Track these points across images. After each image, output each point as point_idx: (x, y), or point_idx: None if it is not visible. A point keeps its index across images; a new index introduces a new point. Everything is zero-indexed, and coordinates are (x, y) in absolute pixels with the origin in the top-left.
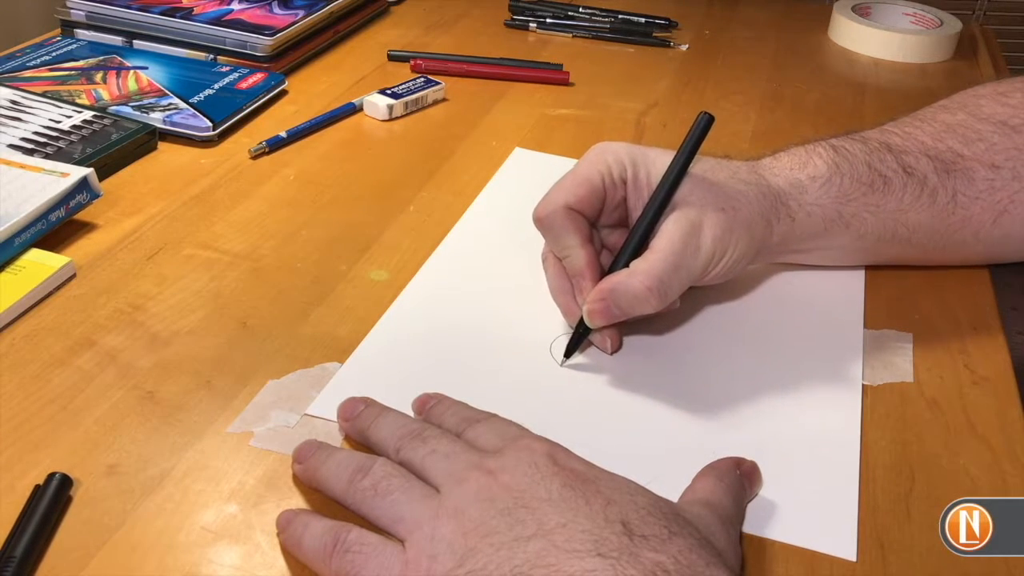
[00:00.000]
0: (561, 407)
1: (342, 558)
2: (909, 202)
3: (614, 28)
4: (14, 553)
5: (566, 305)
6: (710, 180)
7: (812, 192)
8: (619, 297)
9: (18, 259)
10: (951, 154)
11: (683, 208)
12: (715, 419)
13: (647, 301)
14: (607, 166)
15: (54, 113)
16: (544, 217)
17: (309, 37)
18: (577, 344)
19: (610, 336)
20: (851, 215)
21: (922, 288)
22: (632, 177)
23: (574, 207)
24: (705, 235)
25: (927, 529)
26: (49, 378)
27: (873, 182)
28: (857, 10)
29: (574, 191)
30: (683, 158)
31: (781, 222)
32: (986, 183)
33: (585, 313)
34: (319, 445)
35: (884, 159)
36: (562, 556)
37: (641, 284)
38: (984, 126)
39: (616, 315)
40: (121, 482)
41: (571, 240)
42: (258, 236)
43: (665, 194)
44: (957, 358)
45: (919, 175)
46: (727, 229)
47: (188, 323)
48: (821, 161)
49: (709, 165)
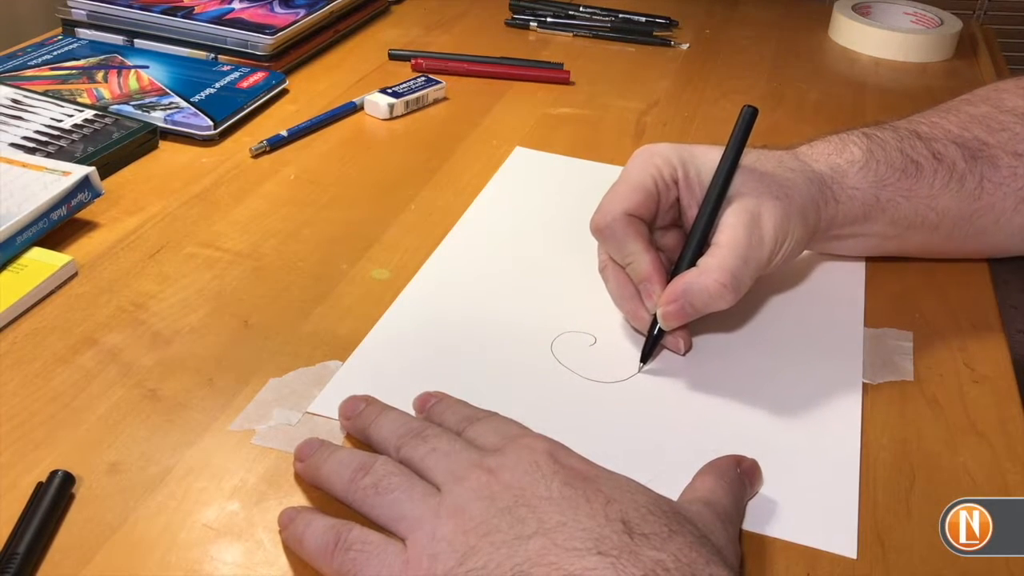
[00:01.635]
0: (562, 406)
1: (343, 556)
2: (939, 187)
3: (615, 27)
4: (17, 551)
5: (633, 311)
6: (760, 171)
7: (851, 176)
8: (693, 296)
9: (20, 258)
10: (977, 142)
11: (740, 200)
12: (715, 417)
13: (722, 297)
14: (657, 169)
15: (55, 112)
16: (605, 227)
17: (310, 36)
18: (653, 347)
19: (683, 336)
20: (887, 200)
21: (922, 287)
22: (683, 177)
23: (633, 213)
24: (766, 224)
25: (927, 527)
26: (51, 376)
27: (906, 167)
28: (857, 9)
29: (630, 197)
30: (733, 151)
31: (828, 206)
32: (1009, 170)
33: (660, 316)
34: (320, 443)
35: (915, 146)
36: (562, 554)
37: (715, 281)
38: (1007, 117)
39: (691, 314)
40: (123, 480)
41: (634, 247)
42: (259, 235)
43: (720, 188)
44: (957, 356)
45: (948, 161)
46: (785, 216)
47: (190, 321)
48: (856, 148)
49: (755, 156)
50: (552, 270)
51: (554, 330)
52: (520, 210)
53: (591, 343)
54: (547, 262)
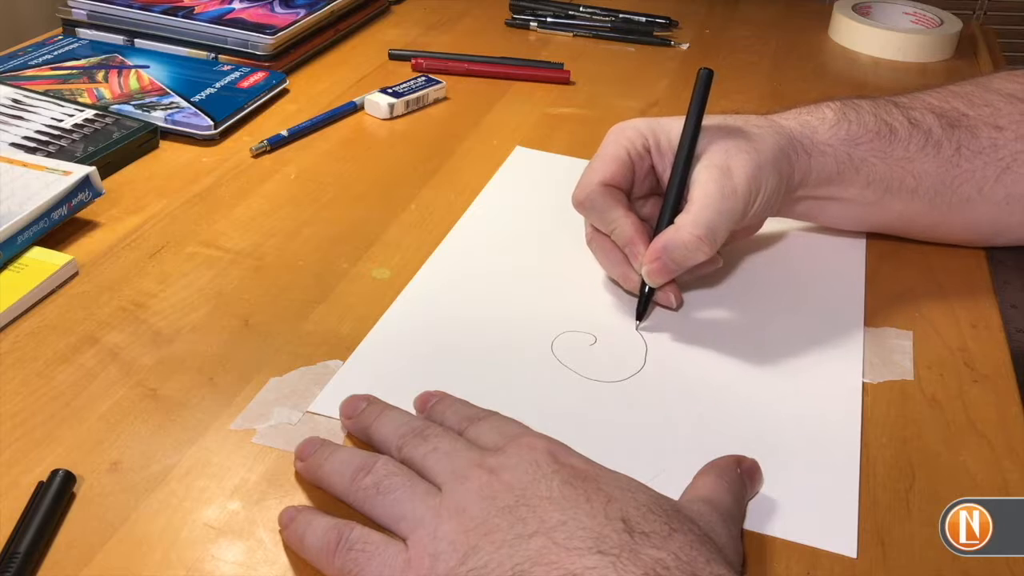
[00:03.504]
0: (562, 405)
1: (345, 556)
2: (915, 150)
3: (615, 27)
4: (18, 550)
5: (623, 274)
6: (726, 129)
7: (823, 133)
8: (673, 251)
9: (21, 257)
10: (956, 112)
11: (708, 155)
12: (716, 417)
13: (699, 249)
14: (629, 140)
15: (56, 112)
16: (584, 198)
17: (310, 36)
18: (646, 305)
19: (672, 291)
20: (860, 159)
21: (922, 286)
22: (655, 144)
23: (609, 183)
24: (737, 175)
25: (927, 526)
26: (52, 375)
27: (880, 130)
28: (857, 9)
29: (606, 168)
30: (695, 112)
31: (799, 157)
32: (989, 140)
33: (645, 274)
34: (321, 442)
35: (890, 111)
36: (563, 553)
37: (691, 235)
38: (992, 95)
39: (673, 269)
40: (124, 479)
41: (615, 213)
42: (260, 234)
43: (688, 148)
44: (957, 356)
45: (924, 127)
46: (756, 166)
47: (191, 321)
48: (829, 110)
49: (722, 118)
50: (552, 270)
51: (554, 330)
52: (520, 210)
53: (591, 343)
54: (547, 262)
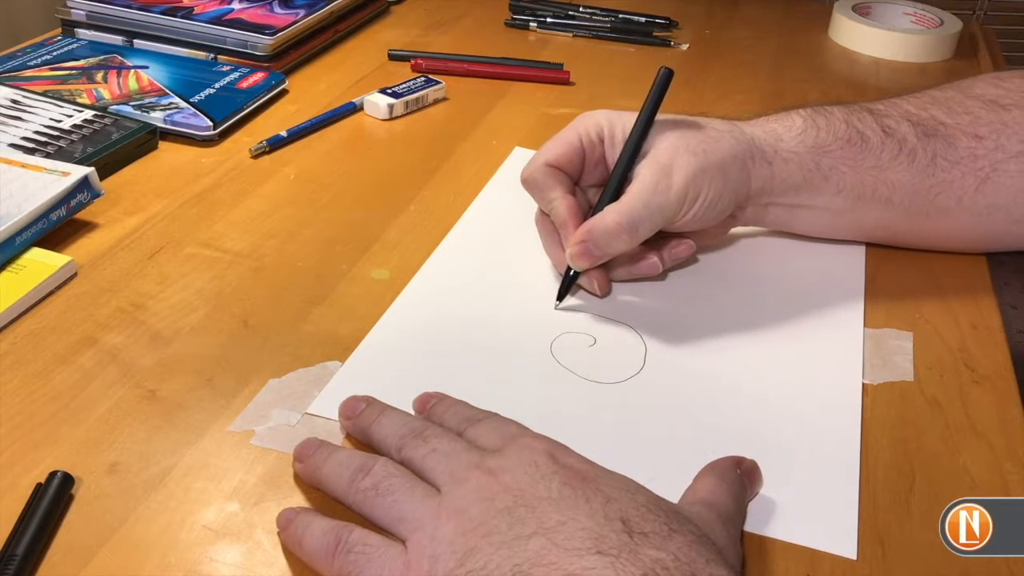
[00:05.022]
0: (561, 406)
1: (344, 558)
2: (888, 159)
3: (614, 27)
4: (16, 551)
5: (556, 256)
6: (681, 128)
7: (788, 140)
8: (595, 236)
9: (19, 258)
10: (933, 121)
11: (654, 152)
12: (715, 418)
13: (618, 237)
14: (585, 128)
15: (55, 112)
16: (528, 177)
17: (309, 36)
18: (568, 287)
19: (597, 278)
20: (829, 167)
21: (922, 287)
22: (609, 135)
23: (553, 164)
24: (676, 176)
25: (927, 527)
26: (50, 377)
27: (850, 137)
28: (857, 10)
29: (554, 150)
30: (648, 108)
31: (758, 166)
32: (967, 150)
33: (568, 256)
34: (320, 444)
35: (863, 118)
36: (562, 554)
37: (612, 221)
38: (973, 102)
39: (595, 254)
40: (123, 480)
41: (553, 193)
42: (259, 235)
43: (636, 142)
44: (957, 357)
45: (898, 136)
46: (700, 169)
47: (189, 322)
48: (798, 116)
49: (682, 118)
50: (552, 270)
51: (553, 331)
52: (519, 210)
53: (591, 343)
54: (546, 262)
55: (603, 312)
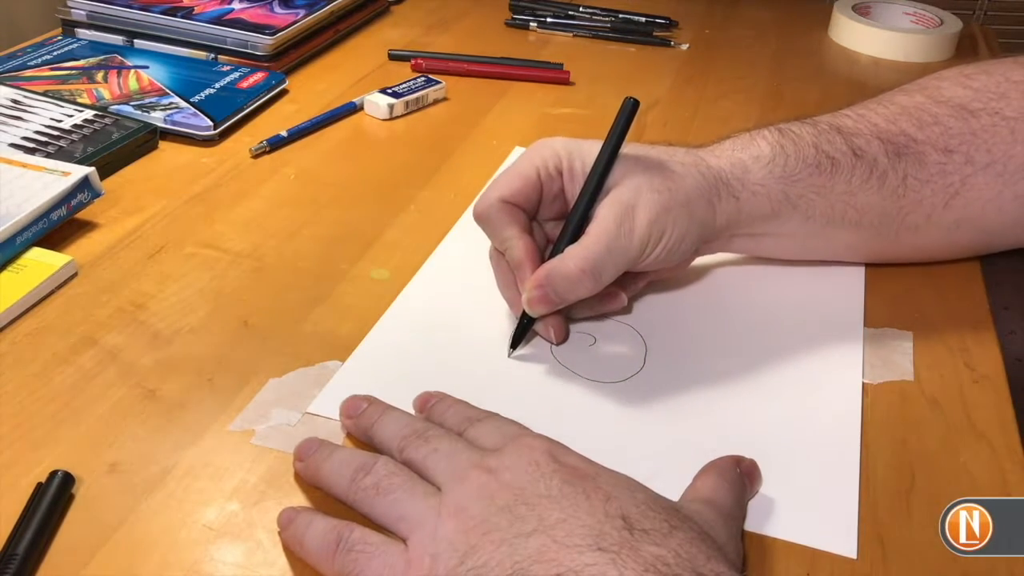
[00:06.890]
0: (561, 406)
1: (345, 557)
2: (858, 184)
3: (615, 27)
4: (16, 551)
5: (511, 298)
6: (645, 164)
7: (756, 172)
8: (555, 282)
9: (20, 258)
10: (904, 137)
11: (616, 191)
12: (715, 417)
13: (581, 283)
14: (543, 159)
15: (55, 112)
16: (480, 212)
17: (310, 36)
18: (522, 335)
19: (553, 326)
20: (798, 196)
21: (922, 286)
22: (568, 168)
23: (509, 200)
24: (639, 217)
25: (927, 527)
26: (51, 376)
27: (820, 163)
28: (857, 9)
29: (509, 184)
30: (612, 143)
31: (724, 202)
32: (938, 167)
33: (525, 302)
34: (320, 443)
35: (833, 140)
36: (562, 551)
37: (575, 267)
38: (941, 109)
39: (554, 301)
40: (123, 480)
41: (509, 232)
42: (259, 235)
43: (597, 180)
44: (957, 356)
45: (869, 157)
46: (663, 209)
47: (189, 322)
48: (765, 143)
49: (645, 151)
50: None
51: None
52: None
53: (591, 343)
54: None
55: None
